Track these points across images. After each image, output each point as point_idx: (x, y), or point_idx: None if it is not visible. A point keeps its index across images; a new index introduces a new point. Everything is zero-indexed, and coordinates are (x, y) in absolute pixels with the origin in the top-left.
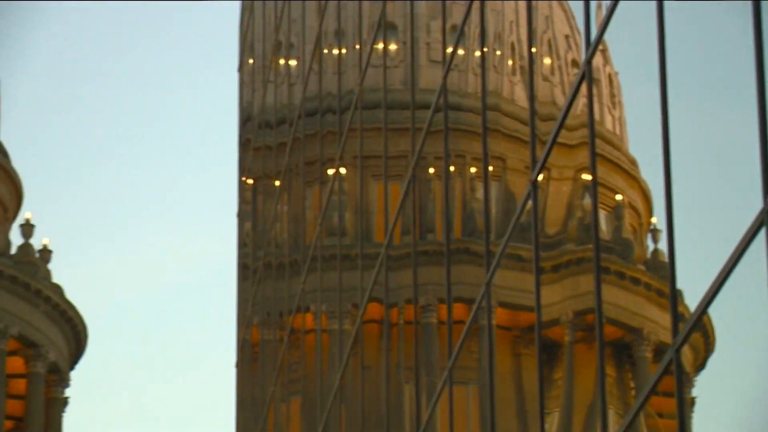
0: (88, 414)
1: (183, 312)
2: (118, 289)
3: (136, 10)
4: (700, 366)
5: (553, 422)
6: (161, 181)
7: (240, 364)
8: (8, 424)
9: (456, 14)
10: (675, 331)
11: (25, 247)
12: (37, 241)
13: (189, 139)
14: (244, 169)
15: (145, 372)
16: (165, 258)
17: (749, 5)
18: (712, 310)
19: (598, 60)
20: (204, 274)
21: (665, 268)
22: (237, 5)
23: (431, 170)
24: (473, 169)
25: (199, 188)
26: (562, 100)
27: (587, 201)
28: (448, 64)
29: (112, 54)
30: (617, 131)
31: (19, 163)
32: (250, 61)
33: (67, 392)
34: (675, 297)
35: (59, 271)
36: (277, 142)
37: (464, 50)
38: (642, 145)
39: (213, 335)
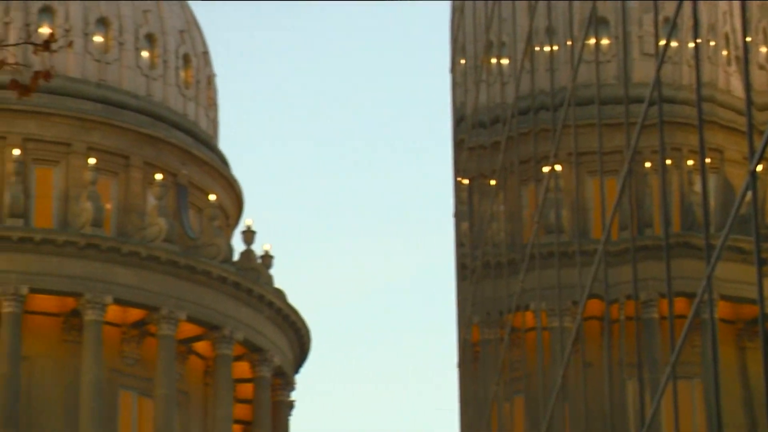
0: (314, 417)
1: (402, 313)
2: (339, 292)
3: (348, 12)
4: None
5: None
6: (377, 184)
7: (462, 364)
8: (237, 428)
9: (668, 7)
10: None
11: (247, 254)
12: (258, 247)
13: (403, 141)
14: (459, 170)
15: (366, 373)
16: (383, 260)
17: None
18: None
19: None
20: (422, 275)
21: None
22: (447, 6)
23: (647, 164)
24: (690, 162)
25: (415, 189)
26: None
27: None
28: (662, 56)
29: (325, 57)
30: None
31: (238, 170)
32: (462, 61)
33: (293, 396)
34: None
35: (281, 276)
36: (491, 141)
37: (677, 42)
38: None
39: (432, 335)
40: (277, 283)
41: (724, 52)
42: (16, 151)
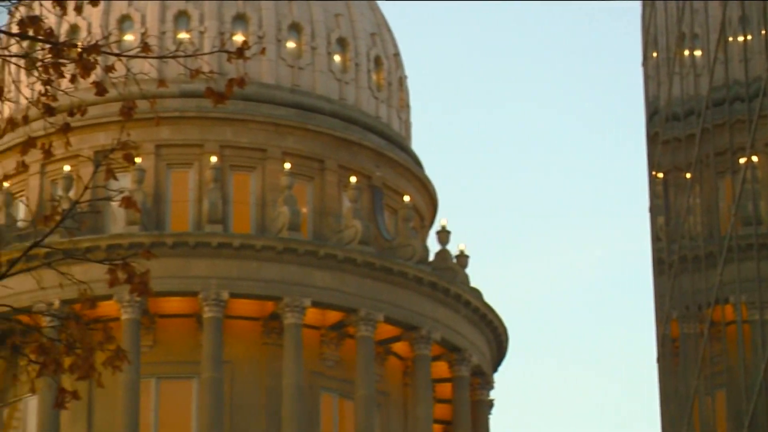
0: (514, 416)
1: (599, 309)
2: (534, 289)
3: (538, 9)
4: None
5: None
6: (570, 180)
7: (661, 359)
8: (437, 428)
9: None
10: None
11: (443, 254)
12: (453, 247)
13: (596, 135)
14: (653, 164)
15: (565, 370)
16: (578, 256)
17: None
18: None
19: None
20: (618, 271)
21: None
22: (637, 4)
23: None
24: None
25: (609, 184)
26: None
27: None
28: None
29: (515, 54)
30: None
31: (431, 171)
32: (654, 54)
33: (492, 395)
34: None
35: (476, 275)
36: (686, 134)
37: None
38: None
39: (630, 331)
40: (474, 283)
41: None
42: (214, 158)
